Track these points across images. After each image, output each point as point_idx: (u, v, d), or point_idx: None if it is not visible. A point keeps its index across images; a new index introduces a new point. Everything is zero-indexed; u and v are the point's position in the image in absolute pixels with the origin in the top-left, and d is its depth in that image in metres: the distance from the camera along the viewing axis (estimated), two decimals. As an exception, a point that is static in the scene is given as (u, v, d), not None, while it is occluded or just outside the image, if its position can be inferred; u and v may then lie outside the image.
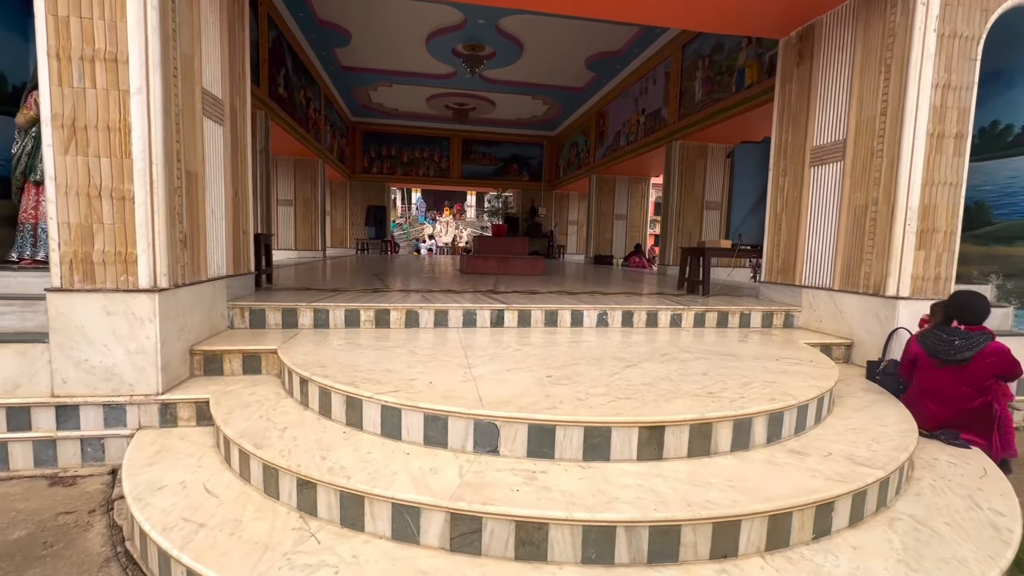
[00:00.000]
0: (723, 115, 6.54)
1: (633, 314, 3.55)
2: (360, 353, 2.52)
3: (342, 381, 2.02)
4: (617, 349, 2.79)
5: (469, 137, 14.94)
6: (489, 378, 2.12)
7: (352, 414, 1.95)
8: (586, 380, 2.13)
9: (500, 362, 2.41)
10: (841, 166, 3.45)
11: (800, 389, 2.10)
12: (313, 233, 10.78)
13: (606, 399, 1.89)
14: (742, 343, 3.14)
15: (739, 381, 2.19)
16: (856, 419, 2.22)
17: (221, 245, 2.97)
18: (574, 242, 15.42)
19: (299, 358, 2.41)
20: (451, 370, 2.25)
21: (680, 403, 1.87)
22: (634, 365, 2.43)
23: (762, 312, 3.75)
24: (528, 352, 2.64)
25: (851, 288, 3.35)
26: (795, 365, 2.55)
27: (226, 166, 2.99)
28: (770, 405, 1.87)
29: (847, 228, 3.39)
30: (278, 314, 3.13)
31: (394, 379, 2.07)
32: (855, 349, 3.32)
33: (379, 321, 3.23)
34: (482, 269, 6.44)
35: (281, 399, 2.27)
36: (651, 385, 2.09)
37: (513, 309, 3.39)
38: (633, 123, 9.58)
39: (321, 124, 10.53)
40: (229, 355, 2.63)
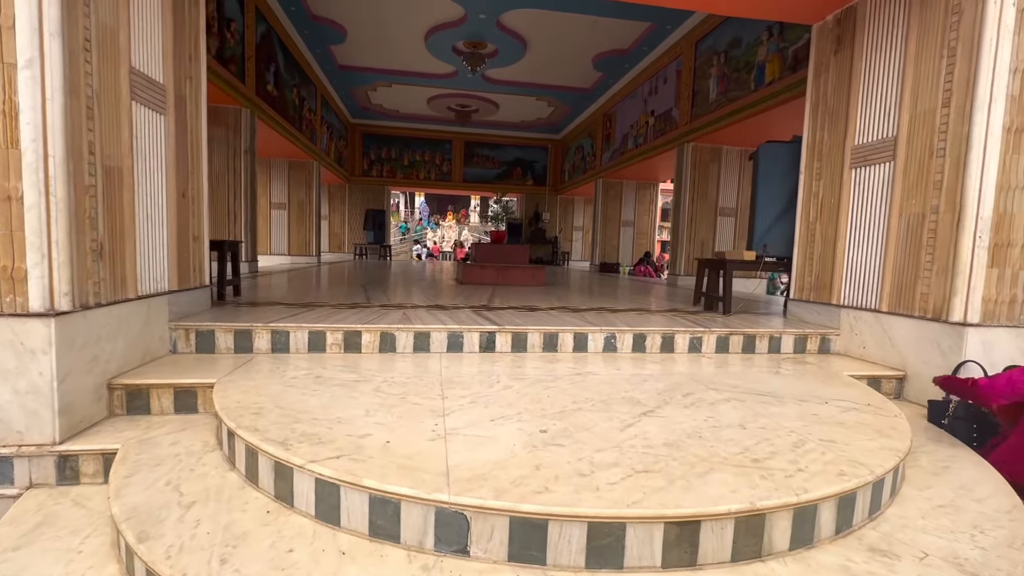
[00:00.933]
0: (740, 115, 6.06)
1: (646, 337, 3.06)
2: (313, 391, 2.05)
3: (273, 437, 1.55)
4: (629, 385, 2.31)
5: (472, 140, 14.53)
6: (465, 433, 1.65)
7: (282, 485, 1.47)
8: (591, 437, 1.65)
9: (483, 405, 1.94)
10: (890, 168, 2.95)
11: (871, 453, 1.61)
12: (307, 238, 10.36)
13: (618, 472, 1.40)
14: (776, 375, 2.64)
15: (789, 439, 1.70)
16: (938, 489, 1.72)
17: (160, 255, 2.51)
18: (579, 249, 14.95)
19: (236, 396, 1.95)
20: (419, 419, 1.77)
21: (718, 478, 1.38)
22: (652, 412, 1.94)
23: (794, 336, 3.25)
24: (520, 390, 2.16)
25: (904, 310, 2.86)
26: (851, 411, 2.06)
27: (168, 162, 2.54)
28: (840, 484, 1.38)
29: (898, 240, 2.90)
30: (230, 336, 2.67)
31: (341, 435, 1.60)
32: (909, 383, 2.82)
33: (349, 345, 2.76)
34: (479, 279, 5.97)
35: (207, 452, 1.80)
36: (676, 446, 1.60)
37: (506, 332, 2.91)
38: (642, 125, 9.11)
39: (317, 125, 10.14)
40: (158, 390, 2.17)
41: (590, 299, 4.71)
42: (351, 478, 1.32)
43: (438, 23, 7.92)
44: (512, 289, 5.49)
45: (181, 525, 1.34)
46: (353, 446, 1.51)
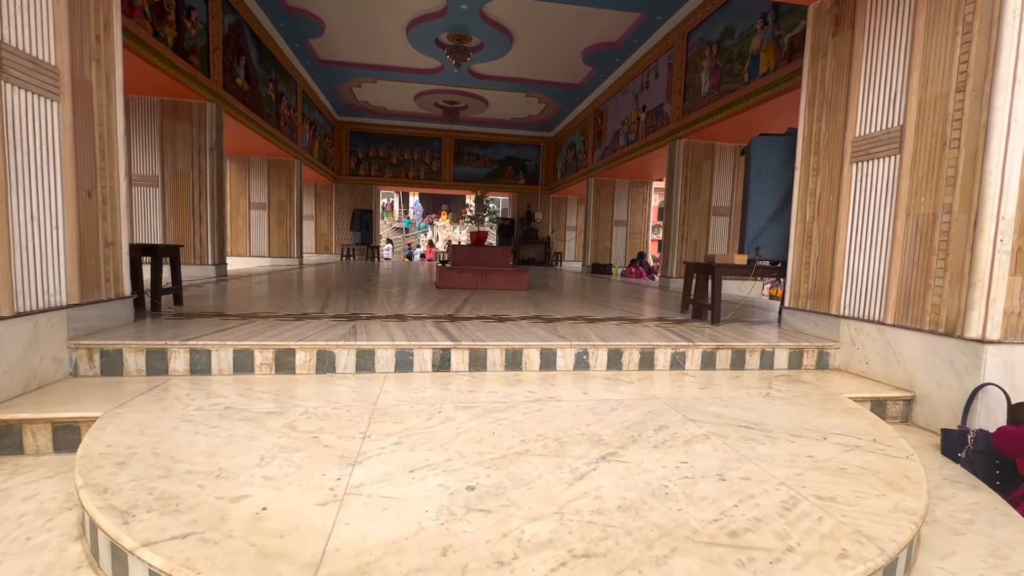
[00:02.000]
0: (733, 108, 5.73)
1: (623, 353, 2.73)
2: (211, 428, 1.71)
3: (118, 503, 1.21)
4: (594, 416, 1.97)
5: (462, 138, 14.21)
6: (370, 493, 1.31)
7: (119, 569, 1.13)
8: (529, 497, 1.31)
9: (409, 448, 1.60)
10: (896, 161, 2.62)
11: (880, 519, 1.27)
12: (288, 239, 10.02)
13: (550, 557, 1.07)
14: (767, 400, 2.31)
15: (777, 497, 1.36)
16: (964, 557, 1.38)
17: (54, 264, 2.17)
18: (572, 249, 14.64)
19: (111, 437, 1.61)
20: (322, 469, 1.43)
21: (681, 567, 1.05)
22: (613, 455, 1.60)
23: (789, 350, 2.92)
24: (462, 425, 1.82)
25: (911, 324, 2.52)
26: (854, 451, 1.72)
27: (63, 156, 2.20)
28: (842, 575, 1.04)
29: (906, 243, 2.56)
30: (141, 356, 2.32)
31: (210, 497, 1.26)
32: (918, 406, 2.48)
33: (280, 365, 2.42)
34: (457, 283, 5.63)
35: (63, 512, 1.46)
36: (633, 511, 1.26)
37: (463, 348, 2.57)
38: (633, 121, 8.79)
39: (298, 122, 9.79)
40: (32, 425, 1.83)
41: (571, 306, 4.37)
42: (185, 573, 0.98)
43: (419, 14, 7.58)
44: (490, 295, 5.15)
45: (-37, 634, 1.00)
46: (216, 516, 1.17)
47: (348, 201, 13.76)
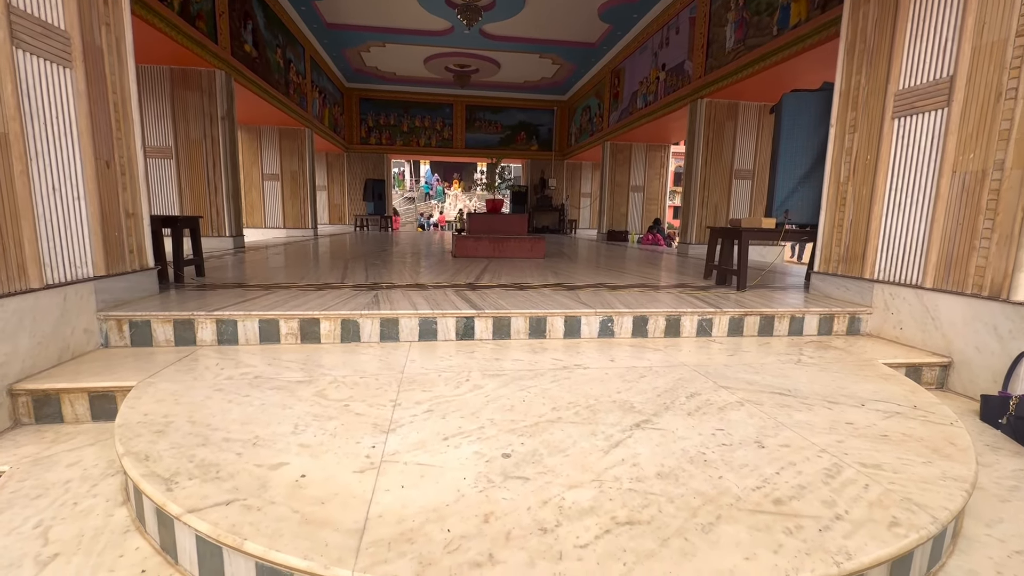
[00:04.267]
0: (761, 64, 5.45)
1: (648, 320, 2.68)
2: (243, 397, 1.72)
3: (161, 470, 1.23)
4: (623, 383, 1.95)
5: (473, 103, 13.88)
6: (407, 461, 1.30)
7: (165, 534, 1.15)
8: (566, 464, 1.30)
9: (441, 416, 1.59)
10: (943, 115, 2.46)
11: (928, 487, 1.24)
12: (302, 210, 10.00)
13: (593, 524, 1.05)
14: (799, 366, 2.26)
15: (820, 464, 1.33)
16: (1012, 524, 1.35)
17: (78, 235, 2.17)
18: (587, 216, 14.43)
19: (147, 406, 1.63)
20: (356, 437, 1.43)
21: (728, 534, 1.03)
22: (647, 422, 1.58)
23: (819, 315, 2.84)
24: (491, 393, 1.81)
25: (952, 287, 2.42)
26: (895, 418, 1.68)
27: (80, 125, 2.16)
28: (895, 543, 1.02)
29: (949, 203, 2.44)
30: (169, 327, 2.34)
31: (249, 464, 1.27)
32: (955, 371, 2.41)
33: (306, 335, 2.43)
34: (473, 252, 5.58)
35: (107, 478, 1.49)
36: (673, 478, 1.24)
37: (487, 316, 2.55)
38: (652, 81, 8.46)
39: (307, 89, 9.62)
40: (70, 395, 1.86)
41: (591, 274, 4.31)
42: (233, 539, 0.99)
43: (428, -29, 7.26)
44: (508, 263, 5.10)
45: (22, 595, 1.03)
46: (256, 484, 1.18)
47: (360, 171, 13.64)
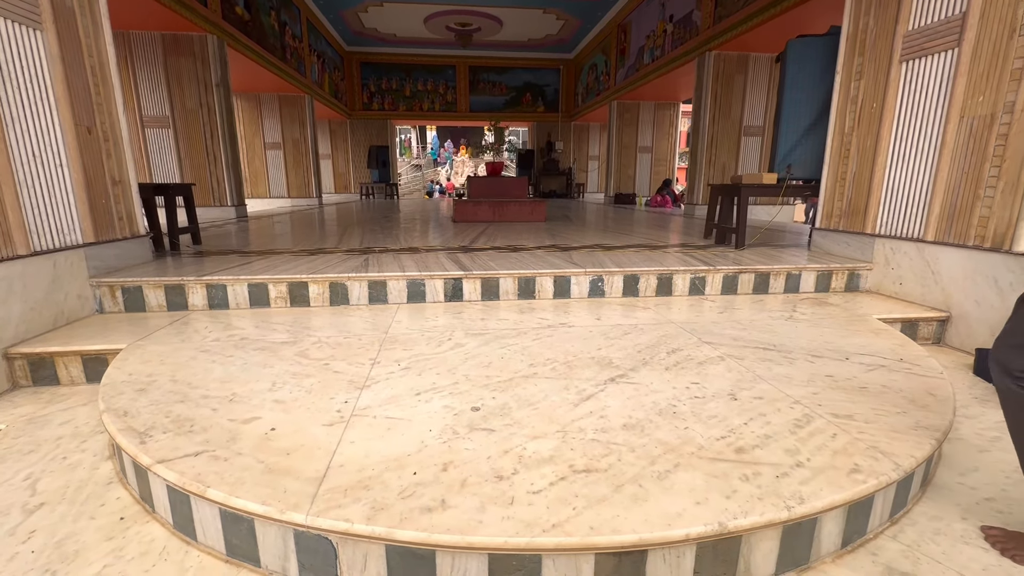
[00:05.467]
0: (773, 10, 5.17)
1: (639, 279, 2.65)
2: (227, 358, 1.75)
3: (137, 425, 1.27)
4: (605, 340, 1.94)
5: (476, 64, 13.48)
6: (375, 415, 1.32)
7: (143, 485, 1.20)
8: (533, 417, 1.31)
9: (417, 373, 1.61)
10: (953, 57, 2.32)
11: (898, 436, 1.22)
12: (306, 179, 9.95)
13: (549, 472, 1.06)
14: (789, 322, 2.22)
15: (790, 415, 1.32)
16: (985, 473, 1.34)
17: (64, 202, 2.18)
18: (595, 180, 14.16)
19: (132, 366, 1.67)
20: (331, 393, 1.46)
21: (684, 480, 1.03)
22: (623, 376, 1.58)
23: (816, 272, 2.78)
24: (470, 351, 1.81)
25: (954, 239, 2.34)
26: (878, 371, 1.65)
27: (56, 90, 2.14)
28: (851, 489, 1.01)
29: (955, 151, 2.32)
30: (160, 292, 2.38)
31: (223, 419, 1.30)
32: (952, 326, 2.36)
33: (295, 298, 2.45)
34: (473, 217, 5.53)
35: (95, 435, 1.55)
36: (639, 429, 1.24)
37: (474, 278, 2.54)
38: (659, 34, 8.10)
39: (304, 53, 9.40)
40: (64, 358, 1.91)
41: (589, 235, 4.25)
42: (197, 487, 1.02)
43: (422, -78, 6.91)
44: (506, 227, 5.05)
45: (1, 544, 1.08)
46: (226, 436, 1.21)
47: (364, 138, 13.46)
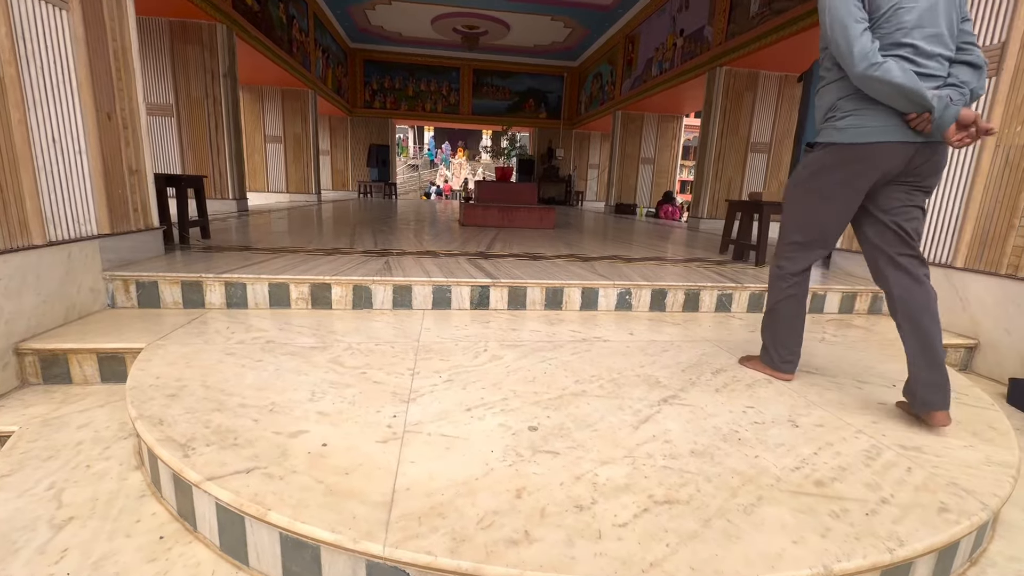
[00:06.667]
0: (788, 30, 5.21)
1: (667, 294, 2.61)
2: (256, 362, 1.67)
3: (177, 435, 1.18)
4: (645, 357, 1.89)
5: (481, 67, 13.46)
6: (430, 432, 1.26)
7: (183, 501, 1.12)
8: (595, 439, 1.25)
9: (461, 386, 1.54)
10: (991, 84, 2.33)
11: (973, 471, 1.19)
12: (306, 174, 9.81)
13: (630, 502, 1.01)
14: (823, 344, 2.20)
15: (858, 446, 1.29)
16: (1050, 509, 1.31)
17: (81, 191, 2.08)
18: (594, 188, 14.20)
19: (158, 368, 1.58)
20: (376, 405, 1.39)
21: (772, 516, 0.98)
22: (674, 397, 1.53)
23: (841, 293, 2.77)
24: (511, 364, 1.75)
25: (985, 267, 2.34)
26: (928, 399, 1.63)
27: (79, 73, 2.04)
28: (946, 530, 0.97)
29: (990, 179, 2.33)
30: (176, 289, 2.28)
31: (267, 431, 1.22)
32: (981, 353, 2.36)
33: (317, 300, 2.37)
34: (482, 221, 5.48)
35: (119, 440, 1.45)
36: (709, 456, 1.20)
37: (502, 286, 2.48)
38: (669, 47, 8.14)
39: (310, 48, 9.29)
40: (78, 355, 1.81)
41: (603, 245, 4.22)
42: (256, 509, 0.94)
43: (438, -78, 6.88)
44: (517, 233, 5.00)
45: (32, 565, 0.99)
46: (276, 451, 1.14)
47: (364, 136, 13.34)
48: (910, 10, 1.32)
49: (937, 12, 1.32)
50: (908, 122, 1.34)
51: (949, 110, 1.25)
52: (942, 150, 1.39)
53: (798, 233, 1.60)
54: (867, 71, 1.31)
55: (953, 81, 1.34)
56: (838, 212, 1.50)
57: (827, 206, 1.51)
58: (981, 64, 1.36)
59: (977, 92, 1.36)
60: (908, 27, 1.32)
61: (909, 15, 1.32)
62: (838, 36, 1.36)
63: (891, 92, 1.30)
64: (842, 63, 1.37)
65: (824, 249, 1.61)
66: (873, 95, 1.35)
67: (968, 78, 1.35)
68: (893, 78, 1.28)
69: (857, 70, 1.33)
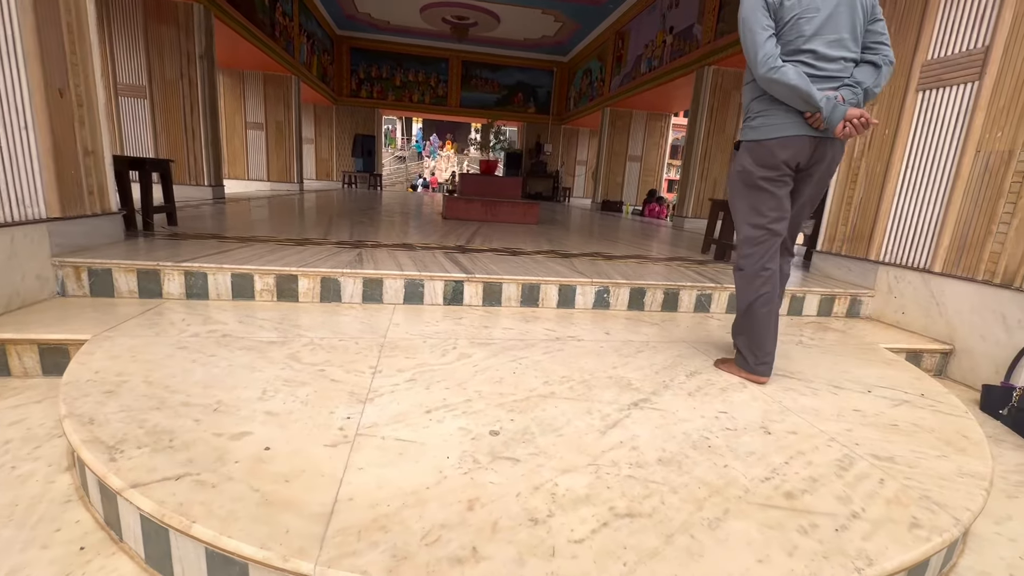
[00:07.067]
0: (775, 30, 5.16)
1: (645, 292, 2.56)
2: (208, 357, 1.58)
3: (105, 436, 1.09)
4: (619, 358, 1.84)
5: (470, 59, 13.30)
6: (384, 435, 1.18)
7: (109, 508, 1.03)
8: (559, 445, 1.19)
9: (424, 386, 1.47)
10: (973, 90, 2.31)
11: (946, 483, 1.16)
12: (288, 163, 9.59)
13: (589, 515, 0.95)
14: (800, 347, 2.17)
15: (831, 455, 1.24)
16: (1021, 520, 1.29)
17: (27, 171, 1.95)
18: (581, 185, 14.15)
19: (100, 362, 1.48)
20: (330, 406, 1.31)
21: (738, 531, 0.93)
22: (646, 401, 1.48)
23: (820, 295, 2.75)
24: (479, 363, 1.68)
25: (963, 273, 2.33)
26: (903, 406, 1.60)
27: (27, 44, 1.91)
28: (918, 547, 0.93)
29: (969, 184, 2.32)
30: (132, 277, 2.16)
31: (208, 432, 1.14)
32: (955, 359, 2.35)
33: (283, 292, 2.27)
34: (464, 215, 5.38)
35: (52, 439, 1.35)
36: (676, 465, 1.14)
37: (476, 281, 2.40)
38: (658, 45, 8.10)
39: (294, 33, 9.06)
40: (17, 346, 1.69)
41: (585, 242, 4.17)
42: (179, 521, 0.86)
43: (427, -92, 6.72)
44: (500, 227, 4.92)
45: (-62, 573, 0.90)
46: (214, 456, 1.05)
47: (349, 125, 13.10)
48: (810, 20, 1.48)
49: (838, 19, 1.49)
50: (807, 120, 1.51)
51: (837, 110, 1.44)
52: (838, 145, 1.58)
53: (745, 228, 1.68)
54: (767, 74, 1.48)
55: (849, 82, 1.51)
56: (772, 202, 1.62)
57: (760, 197, 1.63)
58: (882, 64, 1.52)
59: (872, 91, 1.52)
60: (808, 35, 1.49)
61: (809, 24, 1.48)
62: (747, 42, 1.53)
63: (788, 93, 1.48)
64: (750, 66, 1.55)
65: (774, 238, 1.65)
66: (775, 95, 1.52)
67: (864, 78, 1.51)
68: (789, 80, 1.45)
69: (760, 72, 1.50)
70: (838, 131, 1.47)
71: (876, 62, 1.52)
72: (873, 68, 1.52)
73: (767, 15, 1.50)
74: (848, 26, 1.49)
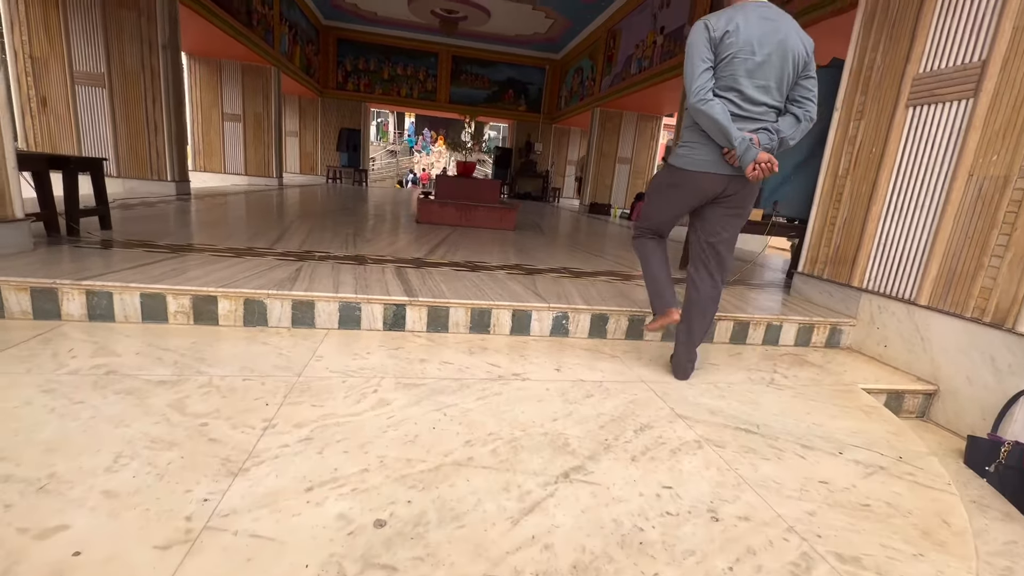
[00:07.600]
0: (765, 34, 4.95)
1: (608, 319, 2.36)
2: (76, 403, 1.34)
3: None
4: (562, 406, 1.62)
5: (460, 54, 13.03)
6: (237, 532, 0.96)
7: None
8: (455, 545, 0.97)
9: (316, 452, 1.24)
10: (967, 107, 2.11)
11: (921, 598, 0.95)
12: (267, 157, 9.30)
13: (462, 665, 0.73)
14: (771, 389, 1.97)
15: (784, 559, 1.03)
16: (1007, 630, 1.09)
17: None
18: (571, 185, 13.94)
19: (-64, 415, 1.24)
20: (187, 483, 1.08)
21: None
22: (576, 471, 1.26)
23: (798, 324, 2.56)
24: (395, 415, 1.46)
25: (950, 308, 2.14)
26: (877, 475, 1.40)
27: None
28: None
29: (960, 211, 2.12)
30: (25, 296, 1.92)
31: (11, 526, 0.91)
32: (939, 400, 2.16)
33: (200, 315, 2.03)
34: (438, 219, 5.15)
35: None
36: (592, 574, 0.93)
37: (419, 306, 2.18)
38: (649, 45, 7.89)
39: (274, 22, 8.75)
40: None
41: (558, 254, 3.95)
42: None
43: None
44: (473, 234, 4.69)
45: None
46: (5, 562, 0.83)
47: (335, 119, 12.80)
48: (744, 61, 1.59)
49: (768, 68, 1.61)
50: (725, 156, 1.66)
51: (749, 152, 1.57)
52: (750, 185, 1.73)
53: (647, 220, 1.97)
54: (697, 104, 1.61)
55: (770, 127, 1.67)
56: (672, 212, 1.89)
57: (666, 206, 1.89)
58: (803, 119, 1.68)
59: (788, 141, 1.68)
60: (739, 75, 1.61)
61: (742, 66, 1.60)
62: (686, 70, 1.64)
63: (711, 125, 1.61)
64: (687, 93, 1.64)
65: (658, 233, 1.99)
66: (701, 125, 1.65)
67: (784, 128, 1.67)
68: (714, 114, 1.58)
69: (691, 100, 1.62)
70: (748, 171, 1.61)
71: (799, 116, 1.68)
72: (795, 120, 1.68)
73: (708, 48, 1.61)
74: (776, 76, 1.62)
